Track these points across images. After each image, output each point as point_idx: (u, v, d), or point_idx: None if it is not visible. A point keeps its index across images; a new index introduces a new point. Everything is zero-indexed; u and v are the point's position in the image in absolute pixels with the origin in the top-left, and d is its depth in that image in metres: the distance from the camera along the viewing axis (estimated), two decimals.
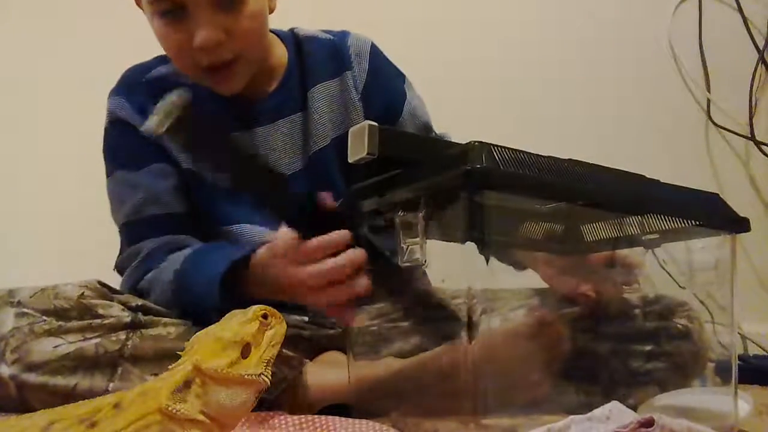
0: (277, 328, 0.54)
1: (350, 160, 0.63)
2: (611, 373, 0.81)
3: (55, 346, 0.69)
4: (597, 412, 0.54)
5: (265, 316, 0.53)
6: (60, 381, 0.69)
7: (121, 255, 0.92)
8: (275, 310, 0.55)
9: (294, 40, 1.01)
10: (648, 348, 0.83)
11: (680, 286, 0.83)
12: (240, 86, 0.89)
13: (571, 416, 0.54)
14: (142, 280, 0.86)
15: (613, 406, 0.54)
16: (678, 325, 0.84)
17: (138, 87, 0.95)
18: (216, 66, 0.85)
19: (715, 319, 1.46)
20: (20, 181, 1.58)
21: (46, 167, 1.58)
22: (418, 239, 0.60)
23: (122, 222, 0.92)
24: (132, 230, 0.91)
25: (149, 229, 0.89)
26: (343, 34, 1.02)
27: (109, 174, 0.95)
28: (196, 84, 0.89)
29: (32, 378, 0.68)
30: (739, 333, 1.47)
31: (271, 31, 0.97)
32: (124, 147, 0.94)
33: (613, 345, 0.82)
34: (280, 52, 0.99)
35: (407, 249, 0.61)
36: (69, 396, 0.68)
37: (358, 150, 0.61)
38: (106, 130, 0.96)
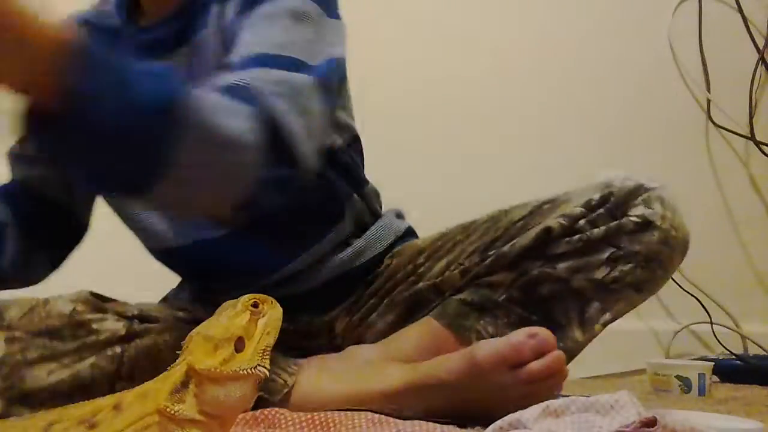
0: (271, 313, 0.51)
1: None
2: (579, 294, 0.77)
3: (50, 372, 0.67)
4: (602, 398, 0.51)
5: (255, 305, 0.51)
6: None
7: None
8: (266, 296, 0.52)
9: None
10: (606, 255, 0.77)
11: None
12: None
13: (572, 397, 0.51)
14: None
15: (620, 396, 0.50)
16: (633, 219, 0.77)
17: None
18: None
19: (715, 319, 1.46)
20: None
21: None
22: None
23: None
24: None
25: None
26: None
27: None
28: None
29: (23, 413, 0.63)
30: (739, 333, 1.47)
31: None
32: None
33: (570, 265, 0.77)
34: None
35: None
36: None
37: None
38: None
